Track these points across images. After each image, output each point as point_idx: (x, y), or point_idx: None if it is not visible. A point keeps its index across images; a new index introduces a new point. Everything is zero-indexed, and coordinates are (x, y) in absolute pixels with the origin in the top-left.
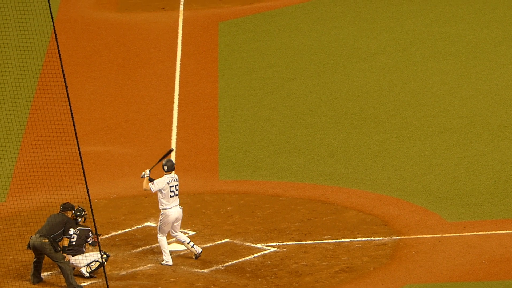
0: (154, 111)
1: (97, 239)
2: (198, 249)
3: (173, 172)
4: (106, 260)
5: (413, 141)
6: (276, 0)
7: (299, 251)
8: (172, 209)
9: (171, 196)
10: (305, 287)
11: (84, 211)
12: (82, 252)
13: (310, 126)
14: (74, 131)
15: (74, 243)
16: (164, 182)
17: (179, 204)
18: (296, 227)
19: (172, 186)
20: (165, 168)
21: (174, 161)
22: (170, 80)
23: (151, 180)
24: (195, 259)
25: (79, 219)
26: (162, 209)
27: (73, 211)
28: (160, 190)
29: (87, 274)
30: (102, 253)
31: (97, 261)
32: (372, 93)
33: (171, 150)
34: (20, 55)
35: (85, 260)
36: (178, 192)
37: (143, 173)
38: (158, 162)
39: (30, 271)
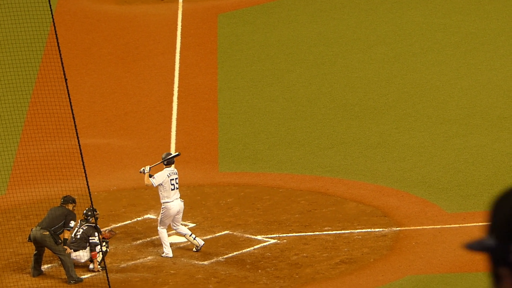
0: (154, 104)
1: (102, 237)
2: (200, 241)
3: (173, 165)
4: (107, 247)
5: (413, 132)
6: None
7: (299, 242)
8: (174, 202)
9: (171, 190)
10: (305, 279)
11: (96, 211)
12: (84, 248)
13: (309, 117)
14: (74, 124)
15: (78, 236)
16: (164, 176)
17: (180, 197)
18: (296, 218)
19: (172, 179)
20: (165, 161)
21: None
22: (170, 72)
23: (151, 175)
24: (196, 251)
25: (90, 219)
26: (164, 202)
27: (84, 211)
28: (160, 184)
29: (100, 268)
30: (102, 242)
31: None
32: (372, 84)
33: (177, 154)
34: (19, 48)
35: (86, 256)
36: (178, 185)
37: (142, 168)
38: (161, 162)
39: (30, 263)
